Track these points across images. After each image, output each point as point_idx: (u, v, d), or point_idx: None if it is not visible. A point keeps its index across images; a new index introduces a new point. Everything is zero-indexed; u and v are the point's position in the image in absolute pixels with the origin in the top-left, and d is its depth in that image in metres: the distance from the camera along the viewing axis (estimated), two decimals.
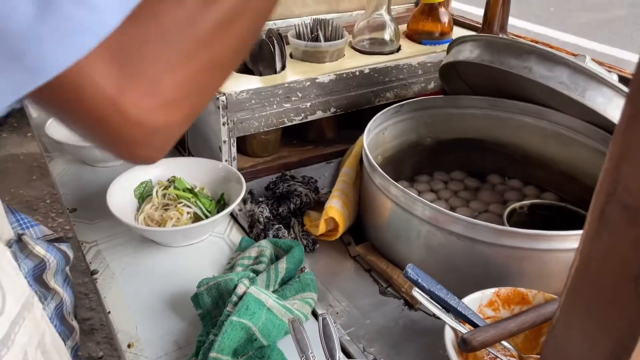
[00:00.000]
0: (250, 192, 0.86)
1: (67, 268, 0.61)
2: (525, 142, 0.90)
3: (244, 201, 0.84)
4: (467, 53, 0.75)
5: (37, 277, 0.56)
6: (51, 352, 0.51)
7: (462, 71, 0.87)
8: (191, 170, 0.84)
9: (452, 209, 0.86)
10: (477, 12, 3.81)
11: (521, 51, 0.68)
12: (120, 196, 0.78)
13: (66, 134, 0.93)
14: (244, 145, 0.95)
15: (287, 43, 0.95)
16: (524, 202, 0.76)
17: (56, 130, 0.94)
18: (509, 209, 0.75)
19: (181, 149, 1.02)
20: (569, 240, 0.61)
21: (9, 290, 0.46)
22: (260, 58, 0.91)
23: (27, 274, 0.54)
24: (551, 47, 0.98)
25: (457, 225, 0.63)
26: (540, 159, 0.89)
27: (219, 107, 0.81)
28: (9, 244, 0.52)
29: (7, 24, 0.25)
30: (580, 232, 0.61)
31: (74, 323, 0.61)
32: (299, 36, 0.95)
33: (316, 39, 0.93)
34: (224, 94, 0.81)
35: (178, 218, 0.75)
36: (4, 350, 0.44)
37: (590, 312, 0.29)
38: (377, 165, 0.71)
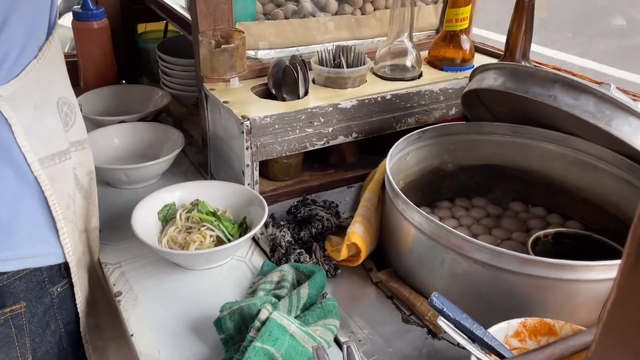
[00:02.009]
0: (271, 215, 0.87)
1: None
2: (548, 169, 0.89)
3: (266, 225, 0.84)
4: (491, 81, 0.76)
5: None
6: (93, 184, 0.77)
7: (484, 98, 0.88)
8: (214, 194, 0.84)
9: (474, 236, 0.85)
10: (496, 38, 3.81)
11: (546, 79, 0.68)
12: (144, 219, 0.78)
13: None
14: (266, 168, 0.95)
15: (310, 69, 0.97)
16: (549, 231, 0.75)
17: None
18: (533, 237, 0.74)
19: (204, 172, 1.03)
20: (595, 271, 0.60)
21: (76, 122, 0.73)
22: (283, 84, 0.92)
23: None
24: (574, 74, 0.98)
25: (482, 253, 0.62)
26: (564, 187, 0.88)
27: (242, 132, 0.83)
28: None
29: None
30: (606, 262, 0.60)
31: None
32: (321, 62, 0.96)
33: (339, 65, 0.94)
34: (249, 119, 0.82)
35: (201, 241, 0.76)
36: (66, 156, 0.69)
37: (628, 346, 0.28)
38: (399, 191, 0.71)
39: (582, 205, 0.87)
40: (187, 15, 1.05)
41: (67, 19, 3.13)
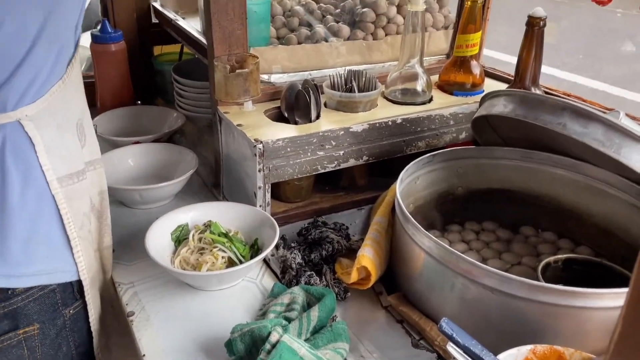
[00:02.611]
0: (282, 237, 0.88)
1: None
2: (558, 194, 0.90)
3: (277, 246, 0.85)
4: (501, 107, 0.77)
5: None
6: (105, 204, 0.79)
7: (494, 123, 0.89)
8: (227, 215, 0.86)
9: (484, 260, 0.85)
10: (506, 59, 3.83)
11: (555, 107, 0.69)
12: (158, 239, 0.80)
13: (107, 176, 0.97)
14: (277, 190, 0.97)
15: (322, 92, 0.98)
16: (559, 257, 0.75)
17: None
18: (543, 262, 0.74)
19: (216, 192, 1.04)
20: (605, 299, 0.60)
21: (89, 143, 0.74)
22: (296, 107, 0.94)
23: None
24: (584, 100, 0.99)
25: (491, 279, 0.62)
26: (574, 212, 0.89)
27: (255, 155, 0.84)
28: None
29: None
30: (616, 290, 0.61)
31: None
32: (333, 86, 0.98)
33: (350, 89, 0.96)
34: (261, 142, 0.84)
35: (213, 262, 0.77)
36: (82, 176, 0.71)
37: None
38: (410, 216, 0.71)
39: (593, 231, 0.87)
40: (202, 39, 1.08)
41: (84, 39, 3.20)
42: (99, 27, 1.26)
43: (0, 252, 0.62)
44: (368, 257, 0.74)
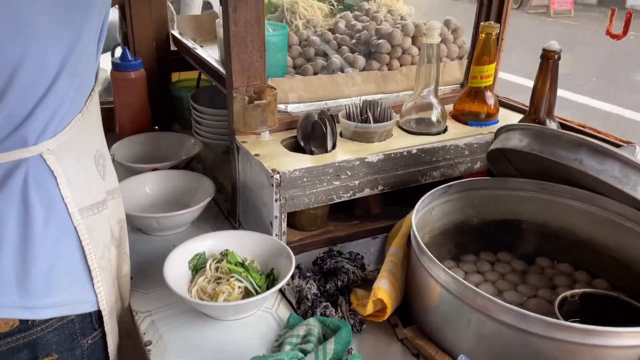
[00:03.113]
0: (298, 266, 0.88)
1: None
2: (574, 226, 0.90)
3: (292, 276, 0.85)
4: (516, 141, 0.77)
5: None
6: (124, 232, 0.80)
7: (509, 155, 0.89)
8: (243, 244, 0.87)
9: (500, 292, 0.85)
10: (520, 82, 3.84)
11: (572, 143, 0.70)
12: (175, 268, 0.81)
13: (126, 203, 0.98)
14: (292, 219, 0.98)
15: (338, 121, 1.00)
16: (576, 291, 0.75)
17: None
18: (560, 297, 0.74)
19: (232, 219, 1.05)
20: (623, 337, 0.60)
21: (108, 173, 0.76)
22: (312, 137, 0.95)
23: None
24: (599, 132, 0.99)
25: (508, 315, 0.62)
26: (591, 244, 0.88)
27: (272, 185, 0.85)
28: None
29: None
30: (635, 329, 0.60)
31: None
32: (349, 117, 0.99)
33: (366, 120, 0.97)
34: (278, 172, 0.85)
35: (230, 292, 0.78)
36: (103, 206, 0.72)
37: None
38: (426, 249, 0.72)
39: (610, 264, 0.86)
40: (220, 68, 1.11)
41: (102, 61, 3.26)
42: (119, 55, 1.29)
43: (22, 283, 0.63)
44: (384, 289, 0.74)
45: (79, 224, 0.67)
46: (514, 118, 1.06)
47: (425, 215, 0.87)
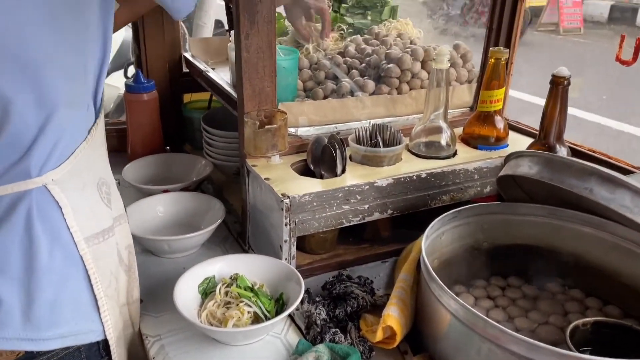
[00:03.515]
0: (307, 290, 0.88)
1: None
2: (586, 252, 0.89)
3: (301, 300, 0.85)
4: (526, 168, 0.77)
5: None
6: (132, 257, 0.80)
7: (519, 180, 0.89)
8: (253, 267, 0.87)
9: (510, 319, 0.85)
10: (528, 99, 3.83)
11: (582, 172, 0.70)
12: (185, 292, 0.81)
13: (135, 226, 0.99)
14: (302, 242, 0.98)
15: (347, 145, 1.00)
16: (587, 320, 0.74)
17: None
18: (571, 326, 0.73)
19: (242, 241, 1.06)
20: None
21: (114, 199, 0.75)
22: (322, 161, 0.96)
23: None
24: (610, 157, 0.99)
25: (519, 345, 0.62)
26: (603, 271, 0.88)
27: (282, 209, 0.86)
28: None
29: None
30: None
31: None
32: (358, 140, 1.00)
33: (375, 144, 0.98)
34: (288, 197, 0.86)
35: (239, 317, 0.78)
36: (110, 233, 0.72)
37: None
38: (435, 276, 0.71)
39: (622, 291, 0.85)
40: (232, 92, 1.12)
41: (114, 78, 3.29)
42: (132, 74, 1.31)
43: (26, 315, 0.62)
44: (393, 317, 0.74)
45: (85, 253, 0.66)
46: (524, 142, 1.06)
47: (434, 241, 0.87)
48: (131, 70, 2.44)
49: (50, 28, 0.60)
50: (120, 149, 1.40)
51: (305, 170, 0.98)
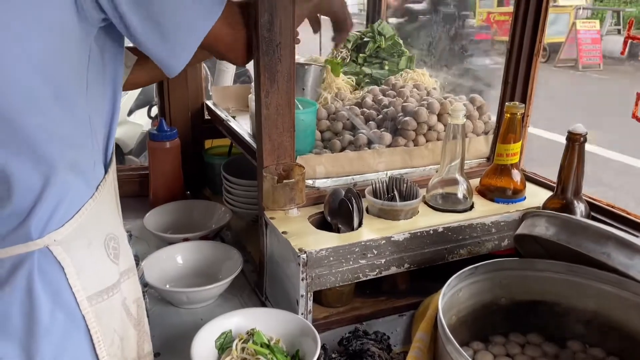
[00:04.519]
0: (323, 346, 0.88)
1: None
2: (605, 310, 0.87)
3: (317, 357, 0.85)
4: (543, 229, 0.77)
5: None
6: (142, 311, 0.76)
7: (537, 237, 0.89)
8: (270, 322, 0.87)
9: None
10: (546, 136, 3.81)
11: (599, 236, 0.69)
12: (203, 346, 0.82)
13: (154, 276, 1.01)
14: (318, 294, 0.98)
15: (364, 196, 1.01)
16: None
17: (146, 272, 1.01)
18: None
19: (259, 291, 1.07)
20: None
21: (122, 253, 0.73)
22: (339, 214, 0.97)
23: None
24: (629, 213, 0.98)
25: None
26: (623, 329, 0.86)
27: (299, 264, 0.87)
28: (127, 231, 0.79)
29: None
30: None
31: None
32: (375, 193, 1.01)
33: (392, 198, 0.99)
34: (305, 252, 0.86)
35: None
36: (115, 290, 0.69)
37: None
38: (452, 338, 0.71)
39: None
40: (251, 142, 1.15)
41: (137, 115, 3.37)
42: (156, 126, 1.35)
43: None
44: None
45: (87, 313, 0.65)
46: (541, 195, 1.06)
47: (452, 297, 0.86)
48: (154, 110, 2.50)
49: (46, 92, 0.60)
50: (142, 194, 1.43)
51: (322, 223, 0.99)
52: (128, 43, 0.71)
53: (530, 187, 1.11)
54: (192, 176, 1.48)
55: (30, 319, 0.62)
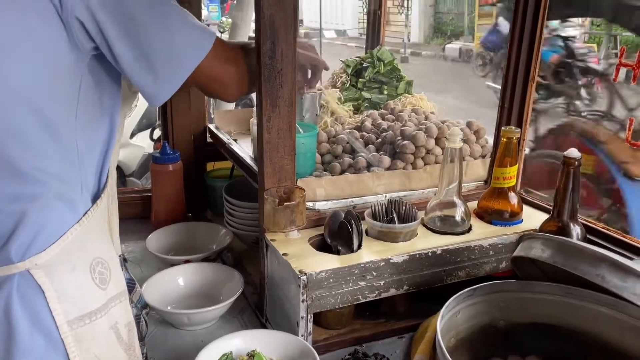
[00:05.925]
0: None
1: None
2: (602, 332, 0.88)
3: None
4: (539, 252, 0.79)
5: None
6: (133, 335, 0.75)
7: (534, 259, 0.90)
8: (270, 343, 0.88)
9: None
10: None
11: (593, 258, 0.71)
12: None
13: (156, 298, 1.02)
14: (318, 316, 0.99)
15: (363, 219, 1.03)
16: None
17: (148, 293, 1.02)
18: None
19: (259, 313, 1.07)
20: None
21: (113, 278, 0.71)
22: (339, 236, 0.98)
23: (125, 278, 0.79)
24: (624, 236, 1.00)
25: None
26: (621, 351, 0.86)
27: (299, 286, 0.88)
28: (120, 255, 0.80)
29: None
30: None
31: None
32: (374, 216, 1.02)
33: (391, 220, 1.00)
34: (305, 274, 0.88)
35: None
36: (99, 314, 0.68)
37: None
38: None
39: None
40: (253, 165, 1.17)
41: (139, 137, 3.41)
42: (159, 150, 1.38)
43: None
44: None
45: (66, 337, 0.64)
46: (538, 217, 1.07)
47: (451, 319, 0.87)
48: (157, 133, 2.53)
49: (32, 122, 0.61)
50: (144, 216, 1.45)
51: (322, 244, 1.01)
52: None
53: (527, 210, 1.12)
54: (194, 198, 1.50)
55: (9, 339, 0.62)
